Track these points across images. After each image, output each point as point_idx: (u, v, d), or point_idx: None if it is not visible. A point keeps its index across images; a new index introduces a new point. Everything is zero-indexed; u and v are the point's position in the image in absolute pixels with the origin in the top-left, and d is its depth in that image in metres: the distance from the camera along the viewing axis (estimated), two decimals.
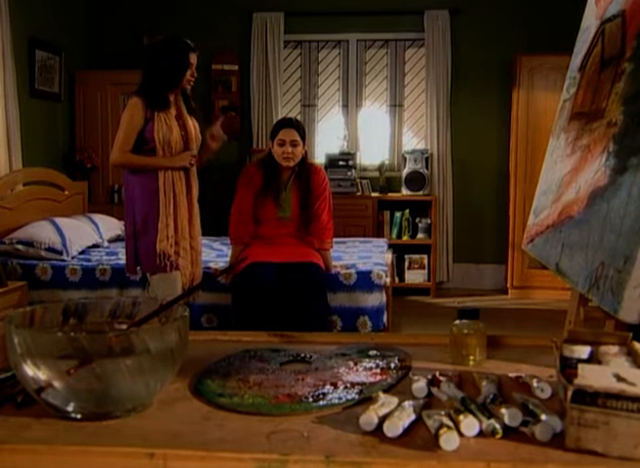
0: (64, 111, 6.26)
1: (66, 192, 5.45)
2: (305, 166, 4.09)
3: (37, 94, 5.77)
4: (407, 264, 6.32)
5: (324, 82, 6.71)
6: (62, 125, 6.24)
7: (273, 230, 4.05)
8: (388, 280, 4.28)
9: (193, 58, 3.70)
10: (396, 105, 6.66)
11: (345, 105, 6.68)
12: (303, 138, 4.01)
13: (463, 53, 6.39)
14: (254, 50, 6.47)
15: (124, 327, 1.27)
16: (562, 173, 1.90)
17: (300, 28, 6.50)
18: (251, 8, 6.46)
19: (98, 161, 6.21)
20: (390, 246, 5.46)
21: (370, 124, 6.69)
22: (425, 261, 6.30)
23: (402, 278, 6.30)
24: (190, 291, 2.39)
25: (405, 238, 6.31)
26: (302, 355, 1.44)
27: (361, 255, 4.65)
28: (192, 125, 3.82)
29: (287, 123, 4.06)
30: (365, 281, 4.14)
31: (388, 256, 4.79)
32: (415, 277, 6.32)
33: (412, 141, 6.66)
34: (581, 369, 1.05)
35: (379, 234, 6.18)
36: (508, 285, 6.24)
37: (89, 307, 1.31)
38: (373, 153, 6.64)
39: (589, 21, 1.94)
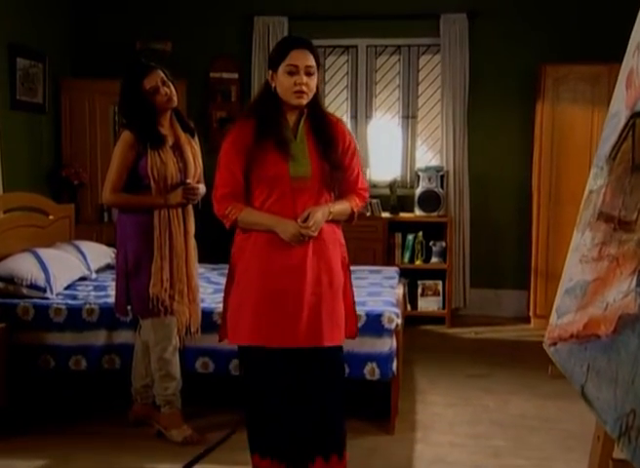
0: (49, 123, 6.21)
1: (51, 217, 5.38)
2: (318, 110, 2.96)
3: (19, 105, 5.72)
4: (420, 291, 6.26)
5: (331, 91, 6.64)
6: (47, 138, 6.19)
7: (285, 199, 2.84)
8: (400, 321, 4.23)
9: (151, 81, 3.57)
10: (409, 117, 6.59)
11: (354, 117, 6.62)
12: (319, 67, 2.90)
13: (482, 60, 6.30)
14: (255, 57, 6.40)
15: None
16: (587, 278, 1.85)
17: (306, 33, 6.25)
18: (252, 12, 6.39)
19: (86, 177, 6.16)
20: (402, 272, 5.39)
21: (381, 137, 6.62)
22: (440, 288, 6.24)
23: (414, 305, 6.24)
24: None
25: (418, 262, 6.24)
26: None
27: (370, 291, 4.60)
28: (190, 152, 3.75)
29: (299, 42, 2.87)
30: (375, 325, 4.08)
31: (399, 292, 4.72)
32: (428, 304, 6.26)
33: (426, 156, 6.59)
34: None
35: (389, 259, 6.12)
36: (531, 313, 6.17)
37: None
38: (383, 169, 6.59)
39: (618, 107, 1.88)
